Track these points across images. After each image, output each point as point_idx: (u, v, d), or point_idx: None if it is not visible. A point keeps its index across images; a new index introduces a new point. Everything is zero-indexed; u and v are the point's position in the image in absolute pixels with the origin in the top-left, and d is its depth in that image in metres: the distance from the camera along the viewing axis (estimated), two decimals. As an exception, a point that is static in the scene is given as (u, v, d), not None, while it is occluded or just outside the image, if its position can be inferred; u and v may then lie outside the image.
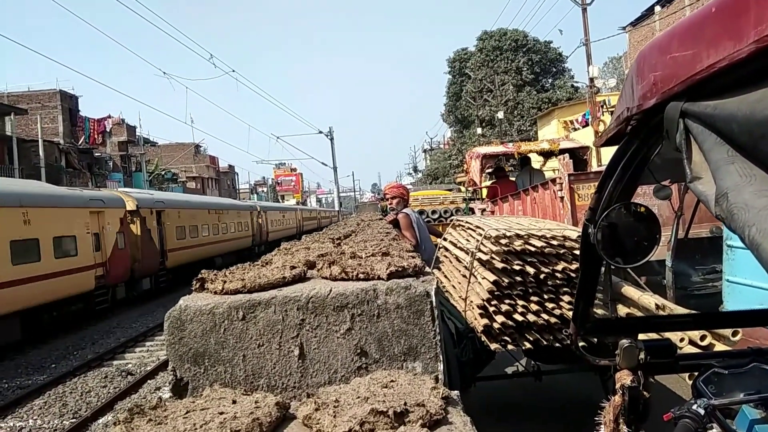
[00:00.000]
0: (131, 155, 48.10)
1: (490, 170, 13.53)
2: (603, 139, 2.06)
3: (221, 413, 1.07)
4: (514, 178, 12.95)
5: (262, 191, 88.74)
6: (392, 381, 1.19)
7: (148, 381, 9.82)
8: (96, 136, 41.96)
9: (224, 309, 1.44)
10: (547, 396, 5.55)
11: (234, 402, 1.14)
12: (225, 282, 1.53)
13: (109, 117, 43.40)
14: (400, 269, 1.52)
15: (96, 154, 42.87)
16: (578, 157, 11.15)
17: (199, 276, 1.62)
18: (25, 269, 12.38)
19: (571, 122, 31.90)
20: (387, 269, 1.51)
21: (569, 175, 7.67)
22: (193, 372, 1.43)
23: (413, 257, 1.78)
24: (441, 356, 1.43)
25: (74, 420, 8.01)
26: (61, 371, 10.65)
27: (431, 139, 71.91)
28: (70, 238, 14.22)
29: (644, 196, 4.19)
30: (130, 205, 18.24)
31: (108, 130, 43.14)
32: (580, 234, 2.52)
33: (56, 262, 13.45)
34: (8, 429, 7.88)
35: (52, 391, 9.44)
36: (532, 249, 4.14)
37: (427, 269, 1.71)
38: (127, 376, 10.24)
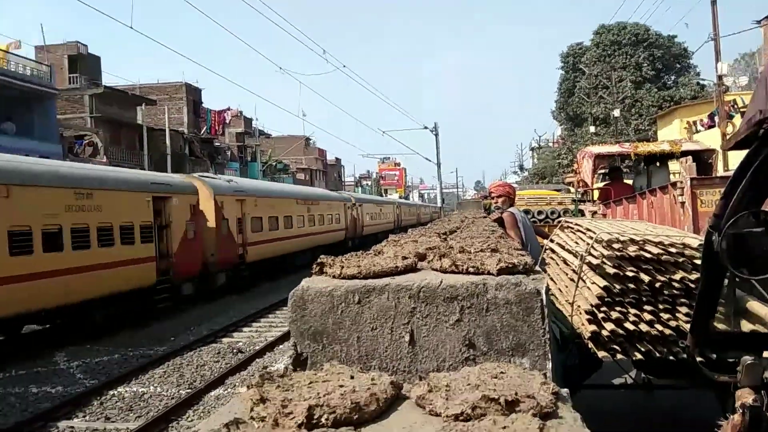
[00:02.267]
0: (247, 146, 50.94)
1: (603, 171, 12.98)
2: (732, 143, 1.95)
3: (341, 386, 1.16)
4: (630, 181, 12.32)
5: (367, 184, 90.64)
6: (502, 372, 1.22)
7: (256, 359, 10.42)
8: (217, 127, 44.83)
9: (342, 292, 1.54)
10: (656, 411, 5.29)
11: (352, 377, 1.23)
12: (342, 267, 1.63)
13: (229, 109, 46.19)
14: (510, 266, 1.55)
15: (216, 144, 45.84)
16: (702, 160, 10.42)
17: (319, 261, 1.74)
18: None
19: (694, 123, 29.73)
20: (497, 265, 1.54)
21: (692, 179, 7.19)
22: (312, 348, 1.54)
23: (523, 255, 1.79)
24: (549, 355, 1.44)
25: (189, 390, 8.68)
26: (179, 344, 11.56)
27: (540, 136, 69.81)
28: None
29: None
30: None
31: (227, 121, 45.94)
32: (702, 242, 2.39)
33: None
34: (132, 393, 8.67)
35: (171, 362, 10.27)
36: (648, 256, 3.95)
37: (538, 268, 1.71)
38: (238, 353, 10.92)
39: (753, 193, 1.78)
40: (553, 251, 5.70)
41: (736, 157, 1.79)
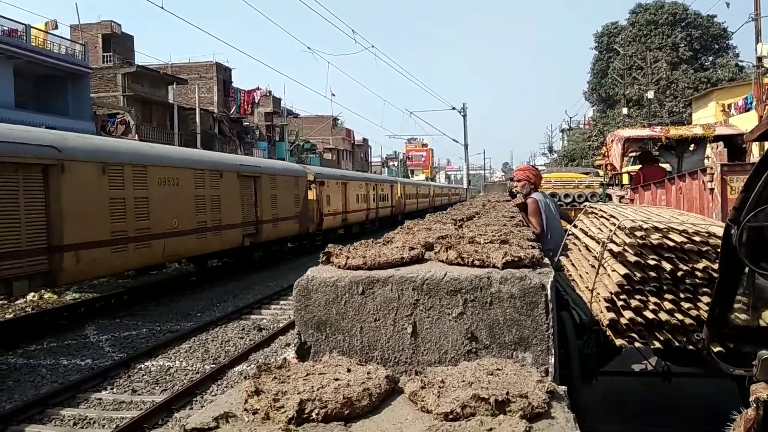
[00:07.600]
0: (275, 125, 51.10)
1: (633, 154, 12.70)
2: (755, 134, 1.90)
3: (336, 379, 1.16)
4: (665, 164, 11.99)
5: (393, 165, 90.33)
6: (498, 369, 1.22)
7: (279, 337, 10.58)
8: (246, 107, 45.01)
9: (346, 283, 1.54)
10: (675, 399, 5.23)
11: (349, 370, 1.24)
12: (348, 258, 1.63)
13: (258, 89, 46.30)
14: (516, 259, 1.53)
15: (245, 124, 46.08)
16: (736, 145, 10.09)
17: (326, 250, 1.74)
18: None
19: (729, 106, 28.79)
20: (503, 258, 1.52)
21: (722, 165, 6.99)
22: (315, 338, 1.56)
23: (533, 247, 1.77)
24: (553, 349, 1.43)
25: (214, 366, 8.86)
26: (205, 320, 11.78)
27: (570, 118, 68.57)
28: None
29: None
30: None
31: (256, 101, 46.08)
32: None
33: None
34: (158, 367, 8.88)
35: (196, 338, 10.48)
36: (671, 244, 3.87)
37: (546, 260, 1.69)
38: (261, 330, 11.10)
39: None
40: (576, 237, 5.63)
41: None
